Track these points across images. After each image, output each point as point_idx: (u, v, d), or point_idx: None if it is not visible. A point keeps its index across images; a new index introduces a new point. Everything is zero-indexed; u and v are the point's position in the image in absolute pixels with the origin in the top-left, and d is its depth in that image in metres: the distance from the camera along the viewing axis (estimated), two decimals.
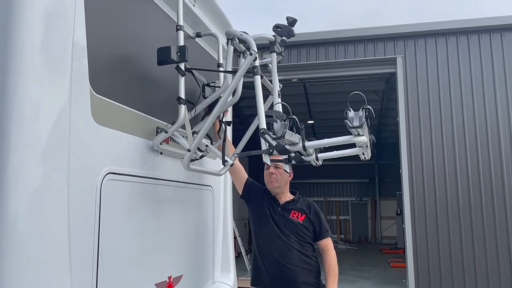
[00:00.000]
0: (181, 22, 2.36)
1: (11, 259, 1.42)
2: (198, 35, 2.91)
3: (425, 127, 7.34)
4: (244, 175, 3.27)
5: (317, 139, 2.34)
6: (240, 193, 3.28)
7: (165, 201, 2.52)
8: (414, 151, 7.30)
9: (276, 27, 2.63)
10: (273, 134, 2.07)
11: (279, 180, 3.13)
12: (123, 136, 2.08)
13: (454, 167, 7.15)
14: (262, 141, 2.33)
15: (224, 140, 2.63)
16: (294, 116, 2.15)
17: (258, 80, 2.36)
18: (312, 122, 14.33)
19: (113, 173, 1.94)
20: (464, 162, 7.15)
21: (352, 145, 2.39)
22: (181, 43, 2.31)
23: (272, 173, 3.14)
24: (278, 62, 2.76)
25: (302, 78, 8.80)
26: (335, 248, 3.20)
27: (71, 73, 1.69)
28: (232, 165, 2.72)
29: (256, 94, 2.33)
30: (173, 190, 2.61)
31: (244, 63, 2.35)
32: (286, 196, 3.20)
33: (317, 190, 19.89)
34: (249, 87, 2.58)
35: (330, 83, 9.16)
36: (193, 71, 2.55)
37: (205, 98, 2.79)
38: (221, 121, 2.81)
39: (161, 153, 2.41)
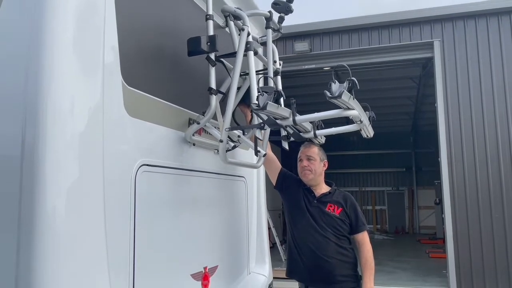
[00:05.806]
0: (210, 12, 2.33)
1: (50, 249, 1.46)
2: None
3: (465, 113, 7.05)
4: (278, 166, 3.23)
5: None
6: (274, 183, 3.25)
7: (198, 192, 2.53)
8: (453, 139, 7.03)
9: (275, 4, 2.60)
10: (257, 106, 2.03)
11: (313, 172, 3.08)
12: (156, 128, 2.09)
13: (497, 154, 6.84)
14: (255, 116, 2.32)
15: None
16: (279, 89, 2.12)
17: (251, 56, 2.35)
18: None
19: (147, 165, 1.95)
20: (507, 148, 6.82)
21: (352, 122, 2.35)
22: (211, 32, 2.29)
23: (305, 165, 3.09)
24: (306, 51, 2.78)
25: (334, 66, 8.62)
26: (371, 239, 3.13)
27: (103, 67, 1.70)
28: (265, 155, 2.70)
29: (250, 70, 2.33)
30: (207, 181, 2.62)
31: (240, 40, 2.32)
32: (322, 188, 3.15)
33: (352, 180, 19.58)
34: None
35: (363, 70, 8.93)
36: (224, 61, 2.53)
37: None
38: (252, 111, 2.78)
39: (194, 145, 2.41)
